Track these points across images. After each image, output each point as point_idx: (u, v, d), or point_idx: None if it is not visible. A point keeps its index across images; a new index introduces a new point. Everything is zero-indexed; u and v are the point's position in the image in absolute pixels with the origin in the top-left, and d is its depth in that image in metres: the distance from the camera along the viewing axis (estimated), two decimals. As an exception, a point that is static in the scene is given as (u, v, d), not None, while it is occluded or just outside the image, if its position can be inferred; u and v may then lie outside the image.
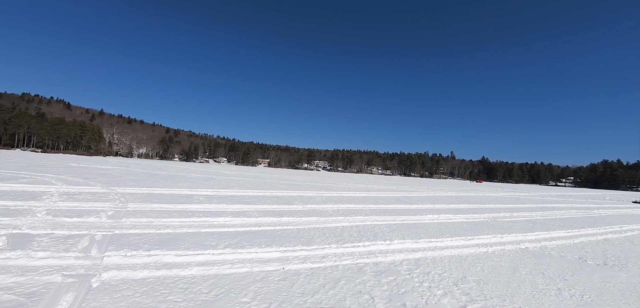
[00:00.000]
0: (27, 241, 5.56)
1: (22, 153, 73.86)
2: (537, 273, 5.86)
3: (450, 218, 11.98)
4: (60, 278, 4.15)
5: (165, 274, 4.56)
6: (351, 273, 5.13)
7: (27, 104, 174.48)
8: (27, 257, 4.80)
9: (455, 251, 7.07)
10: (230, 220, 8.82)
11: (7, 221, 6.91)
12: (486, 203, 19.57)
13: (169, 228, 7.37)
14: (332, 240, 7.30)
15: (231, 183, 22.23)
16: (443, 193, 27.46)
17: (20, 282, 3.98)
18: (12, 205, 8.74)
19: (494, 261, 6.44)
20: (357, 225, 9.43)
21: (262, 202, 12.84)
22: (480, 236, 8.95)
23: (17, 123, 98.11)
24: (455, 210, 14.67)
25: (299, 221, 9.31)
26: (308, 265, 5.41)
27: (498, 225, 11.16)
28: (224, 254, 5.67)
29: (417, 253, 6.64)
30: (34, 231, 6.26)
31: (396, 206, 14.68)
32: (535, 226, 11.44)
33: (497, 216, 13.53)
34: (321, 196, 16.88)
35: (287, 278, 4.70)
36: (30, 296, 3.61)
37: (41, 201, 9.50)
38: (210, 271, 4.81)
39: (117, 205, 9.74)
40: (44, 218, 7.47)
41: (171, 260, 5.18)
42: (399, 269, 5.50)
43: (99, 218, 7.89)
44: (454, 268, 5.79)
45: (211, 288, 4.19)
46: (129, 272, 4.50)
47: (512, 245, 8.20)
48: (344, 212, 11.72)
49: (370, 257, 6.12)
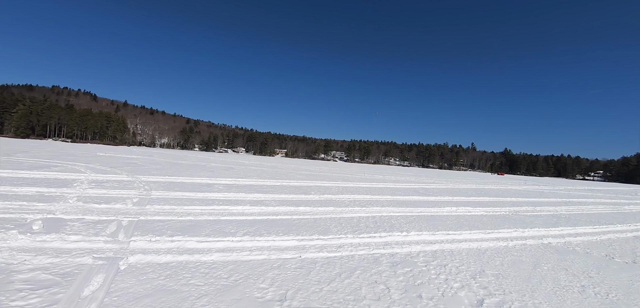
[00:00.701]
0: (60, 226, 5.92)
1: (54, 142, 77.94)
2: (560, 269, 5.69)
3: (469, 211, 11.74)
4: (91, 260, 4.41)
5: (187, 259, 4.75)
6: (367, 263, 5.16)
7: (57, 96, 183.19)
8: (61, 240, 5.12)
9: (474, 244, 6.95)
10: (249, 208, 9.02)
11: (43, 206, 7.37)
12: (507, 196, 19.00)
13: (190, 215, 7.64)
14: (349, 230, 7.35)
15: (249, 172, 22.64)
16: (462, 185, 26.85)
17: (56, 263, 4.26)
18: (46, 191, 9.30)
19: (514, 256, 6.29)
20: (374, 215, 9.42)
21: (279, 192, 13.02)
22: (500, 229, 8.74)
23: (48, 115, 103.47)
24: (475, 203, 14.35)
25: (316, 211, 9.40)
26: (324, 254, 5.48)
27: (519, 219, 10.85)
28: (242, 241, 5.83)
29: (434, 245, 6.58)
30: (67, 217, 6.65)
31: (413, 198, 14.52)
32: (560, 221, 11.03)
33: (519, 210, 13.14)
34: (338, 187, 16.93)
35: (304, 267, 4.79)
36: (64, 276, 3.87)
37: (72, 189, 10.04)
38: (230, 257, 4.97)
39: (141, 193, 10.16)
40: (75, 204, 7.91)
41: (193, 245, 5.38)
42: (415, 261, 5.48)
43: (125, 204, 8.27)
44: (472, 261, 5.71)
45: (230, 273, 4.34)
46: (153, 256, 4.72)
47: (534, 239, 7.96)
48: (361, 203, 11.72)
49: (387, 248, 6.12)
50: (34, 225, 5.73)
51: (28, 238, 5.09)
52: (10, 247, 4.67)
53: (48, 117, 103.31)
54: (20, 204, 7.43)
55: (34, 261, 4.24)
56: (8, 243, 4.81)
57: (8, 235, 5.10)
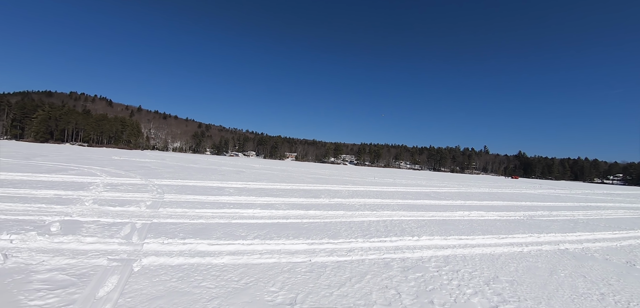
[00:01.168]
0: (77, 228, 6.08)
1: (71, 147, 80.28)
2: (578, 276, 5.51)
3: (482, 215, 11.52)
4: (106, 261, 4.51)
5: (198, 261, 4.81)
6: (378, 267, 5.12)
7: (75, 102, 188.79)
8: (78, 242, 5.26)
9: (487, 249, 6.81)
10: (259, 212, 9.07)
11: (60, 208, 7.59)
12: (522, 201, 18.56)
13: (202, 218, 7.73)
14: (359, 234, 7.30)
15: (260, 176, 22.79)
16: (475, 189, 26.38)
17: (72, 264, 4.37)
18: (64, 194, 9.57)
19: (530, 262, 6.13)
20: (384, 219, 9.34)
21: (289, 195, 13.06)
22: (514, 234, 8.54)
23: (66, 120, 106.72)
24: (488, 207, 14.07)
25: (326, 215, 9.38)
26: (335, 258, 5.46)
27: (535, 224, 10.58)
28: (253, 244, 5.87)
29: (446, 250, 6.47)
30: (83, 219, 6.82)
31: (425, 202, 14.34)
32: (577, 227, 10.71)
33: (534, 215, 12.81)
34: (348, 190, 16.87)
35: (314, 270, 4.78)
36: (80, 277, 3.96)
37: (88, 191, 10.30)
38: (240, 260, 5.00)
39: (154, 196, 10.35)
40: (91, 206, 8.12)
41: (204, 248, 5.45)
42: (427, 266, 5.40)
43: (138, 207, 8.44)
44: (486, 267, 5.59)
45: (241, 276, 4.36)
46: (166, 258, 4.79)
47: (550, 245, 7.75)
48: (371, 206, 11.64)
49: (397, 252, 6.06)
50: (52, 227, 5.90)
51: (46, 239, 5.24)
52: (30, 248, 4.82)
53: (66, 122, 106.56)
54: (40, 206, 7.67)
55: (52, 262, 4.36)
56: (27, 244, 4.96)
57: (28, 236, 5.27)
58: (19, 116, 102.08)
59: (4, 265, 4.15)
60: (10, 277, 3.83)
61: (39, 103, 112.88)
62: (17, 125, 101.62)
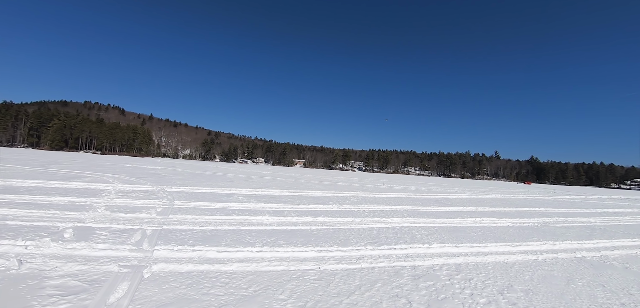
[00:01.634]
0: (89, 234, 6.17)
1: (85, 154, 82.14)
2: (596, 285, 5.32)
3: (494, 222, 11.28)
4: (116, 268, 4.55)
5: (208, 269, 4.81)
6: (388, 275, 5.04)
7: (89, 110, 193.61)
8: (90, 248, 5.33)
9: (501, 257, 6.64)
10: (268, 218, 9.07)
11: (73, 215, 7.73)
12: (536, 207, 18.14)
13: (211, 225, 7.77)
14: (368, 241, 7.22)
15: (268, 183, 22.86)
16: (486, 195, 25.90)
17: (84, 270, 4.42)
18: (77, 201, 9.76)
19: (545, 270, 5.95)
20: (394, 226, 9.23)
21: (298, 202, 13.04)
22: (528, 242, 8.32)
23: (80, 128, 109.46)
24: (500, 213, 13.78)
25: (335, 222, 9.32)
26: (344, 265, 5.40)
27: (550, 231, 10.30)
28: (262, 252, 5.85)
29: (458, 258, 6.34)
30: (95, 225, 6.93)
31: (435, 208, 14.14)
32: (594, 233, 10.38)
33: (549, 221, 12.48)
34: (356, 197, 16.76)
35: (323, 278, 4.73)
36: (92, 283, 4.01)
37: (101, 198, 10.49)
38: (249, 267, 4.99)
39: (165, 203, 10.46)
40: (103, 213, 8.25)
41: (213, 255, 5.46)
42: (438, 274, 5.29)
43: (149, 214, 8.53)
44: (499, 275, 5.44)
45: (250, 284, 4.34)
46: (175, 265, 4.82)
47: (566, 253, 7.52)
48: (380, 213, 11.53)
49: (408, 260, 5.96)
50: (65, 233, 6.01)
51: (59, 245, 5.33)
52: (44, 254, 4.91)
53: (80, 130, 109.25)
54: (54, 213, 7.82)
55: (65, 268, 4.42)
56: (41, 250, 5.06)
57: (42, 242, 5.37)
58: (36, 125, 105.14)
59: (19, 271, 4.23)
60: (25, 282, 3.90)
61: (55, 112, 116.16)
62: (33, 133, 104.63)
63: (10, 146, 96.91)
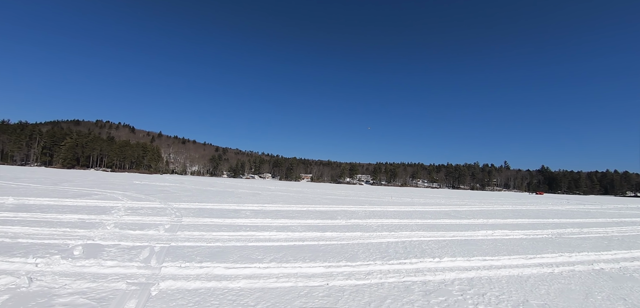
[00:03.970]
0: (98, 251, 6.20)
1: (95, 172, 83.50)
2: (617, 299, 5.10)
3: (506, 234, 11.01)
4: (124, 285, 4.54)
5: (215, 285, 4.77)
6: (398, 291, 4.91)
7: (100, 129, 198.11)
8: (98, 265, 5.34)
9: (514, 271, 6.45)
10: (275, 234, 9.01)
11: (83, 232, 7.79)
12: (549, 218, 17.68)
13: (218, 241, 7.74)
14: (377, 256, 7.10)
15: (276, 198, 22.83)
16: (497, 206, 25.40)
17: (93, 287, 4.42)
18: (87, 218, 9.86)
19: (562, 284, 5.75)
20: (403, 240, 9.07)
21: (305, 217, 12.96)
22: (543, 254, 8.08)
23: (91, 147, 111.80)
24: (513, 225, 13.45)
25: (343, 237, 9.21)
26: (352, 281, 5.30)
27: (565, 242, 9.99)
28: (269, 268, 5.79)
29: (470, 272, 6.17)
30: (104, 242, 6.97)
31: (445, 221, 13.89)
32: (612, 244, 10.04)
33: (563, 232, 12.13)
34: (364, 211, 16.60)
35: (332, 295, 4.64)
36: (100, 301, 4.00)
37: (110, 215, 10.58)
38: (257, 284, 4.93)
39: (173, 219, 10.50)
40: (112, 230, 8.30)
41: (221, 272, 5.41)
42: (450, 289, 5.14)
43: (157, 231, 8.56)
44: (514, 290, 5.27)
45: (257, 301, 4.28)
46: (183, 282, 4.78)
47: (583, 265, 7.26)
48: (389, 227, 11.36)
49: (418, 275, 5.82)
50: (75, 251, 6.04)
51: (69, 263, 5.36)
52: (54, 272, 4.94)
53: (91, 148, 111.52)
54: (64, 230, 7.90)
55: (74, 286, 4.43)
56: (51, 268, 5.09)
57: (52, 260, 5.41)
58: (49, 144, 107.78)
59: (29, 289, 4.25)
60: (34, 300, 3.91)
61: (67, 131, 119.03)
62: (46, 152, 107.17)
63: (24, 164, 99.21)
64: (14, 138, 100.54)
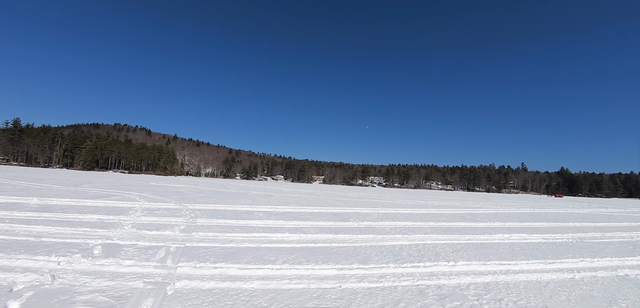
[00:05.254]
0: (117, 251, 6.38)
1: (114, 174, 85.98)
2: (644, 307, 4.88)
3: (524, 238, 10.71)
4: (142, 284, 4.65)
5: (229, 286, 4.82)
6: (412, 295, 4.85)
7: (118, 132, 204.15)
8: (117, 264, 5.49)
9: (533, 276, 6.26)
10: (288, 236, 9.05)
11: (102, 232, 8.04)
12: (569, 221, 17.09)
13: (232, 242, 7.84)
14: (390, 259, 7.03)
15: (288, 199, 22.94)
16: (514, 209, 24.73)
17: (111, 286, 4.55)
18: (106, 218, 10.16)
19: (584, 290, 5.54)
20: (417, 243, 8.95)
21: (317, 219, 12.96)
22: (563, 259, 7.81)
23: (110, 149, 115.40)
24: (530, 229, 13.08)
25: (355, 239, 9.16)
26: (365, 284, 5.26)
27: (586, 247, 9.64)
28: (282, 269, 5.82)
29: (486, 277, 6.03)
30: (122, 242, 7.16)
31: (460, 224, 13.62)
32: (637, 249, 9.61)
33: (585, 237, 11.70)
34: (377, 213, 16.47)
35: (344, 297, 4.62)
36: (118, 299, 4.10)
37: (128, 216, 10.87)
38: (270, 285, 4.96)
39: (188, 220, 10.69)
40: (130, 230, 8.52)
41: (234, 272, 5.47)
42: (465, 294, 5.04)
43: (173, 231, 8.74)
44: (532, 296, 5.11)
45: (270, 302, 4.30)
46: (198, 282, 4.86)
47: (606, 271, 6.98)
48: (402, 230, 11.24)
49: (432, 279, 5.73)
50: (94, 250, 6.24)
51: (89, 261, 5.54)
52: (75, 270, 5.11)
53: (110, 151, 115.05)
54: (84, 230, 8.17)
55: (94, 284, 4.57)
56: (73, 266, 5.27)
57: (73, 258, 5.60)
58: (70, 147, 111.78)
59: (52, 286, 4.41)
60: (57, 297, 4.05)
61: (88, 135, 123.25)
62: (68, 155, 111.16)
63: (47, 166, 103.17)
64: (37, 141, 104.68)
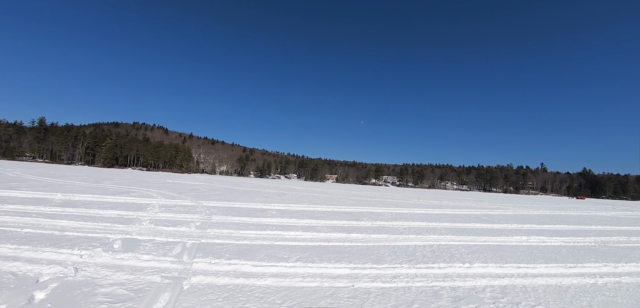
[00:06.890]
0: (135, 245, 6.58)
1: (132, 171, 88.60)
2: (672, 315, 4.65)
3: (543, 241, 10.38)
4: (159, 278, 4.78)
5: (243, 282, 4.90)
6: (425, 296, 4.79)
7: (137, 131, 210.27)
8: (136, 259, 5.67)
9: (552, 280, 6.07)
10: (301, 234, 9.10)
11: (122, 227, 8.30)
12: (592, 224, 16.44)
13: (246, 239, 7.95)
14: (404, 259, 6.96)
15: (301, 198, 23.04)
16: (533, 211, 23.99)
17: (131, 279, 4.70)
18: (125, 214, 10.48)
19: (607, 296, 5.33)
20: (431, 244, 8.83)
21: (330, 217, 12.97)
22: (585, 263, 7.53)
23: (129, 147, 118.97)
24: (550, 231, 12.66)
25: (368, 238, 9.12)
26: (378, 284, 5.23)
27: (610, 251, 9.26)
28: (295, 267, 5.85)
29: (503, 280, 5.88)
30: (141, 237, 7.38)
31: (475, 225, 13.33)
32: (666, 256, 9.16)
33: (608, 240, 11.24)
34: (391, 213, 16.32)
35: (357, 296, 4.61)
36: (137, 292, 4.24)
37: (146, 212, 11.18)
38: (283, 283, 5.00)
39: (203, 217, 10.91)
40: (148, 226, 8.77)
41: (248, 269, 5.55)
42: (481, 296, 4.94)
43: (189, 228, 8.93)
44: (552, 300, 4.95)
45: (284, 299, 4.34)
46: (212, 278, 4.96)
47: (631, 276, 6.69)
48: (416, 230, 11.10)
49: (447, 280, 5.64)
50: (115, 244, 6.46)
51: (110, 255, 5.73)
52: (96, 263, 5.30)
53: (129, 149, 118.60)
54: (105, 225, 8.47)
55: (114, 277, 4.73)
56: (94, 260, 5.47)
57: (95, 252, 5.81)
58: (92, 145, 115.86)
59: (75, 278, 4.59)
60: (79, 289, 4.22)
61: (108, 133, 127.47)
62: (89, 152, 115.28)
63: (70, 163, 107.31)
64: (61, 139, 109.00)
